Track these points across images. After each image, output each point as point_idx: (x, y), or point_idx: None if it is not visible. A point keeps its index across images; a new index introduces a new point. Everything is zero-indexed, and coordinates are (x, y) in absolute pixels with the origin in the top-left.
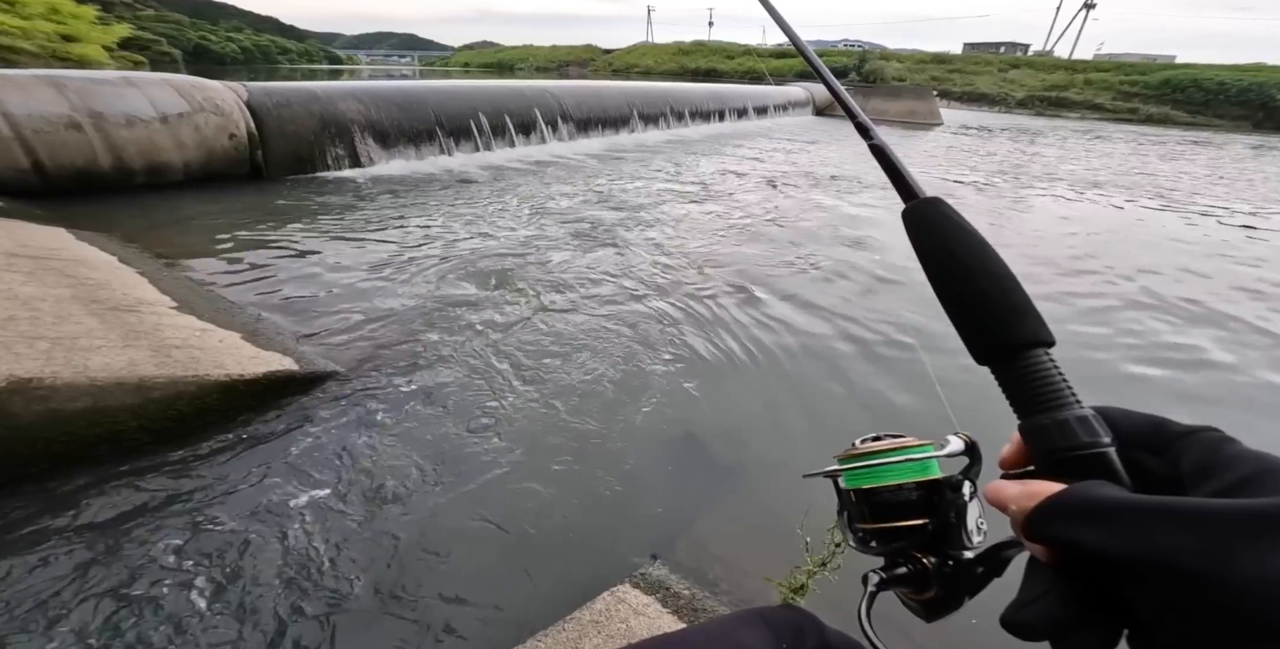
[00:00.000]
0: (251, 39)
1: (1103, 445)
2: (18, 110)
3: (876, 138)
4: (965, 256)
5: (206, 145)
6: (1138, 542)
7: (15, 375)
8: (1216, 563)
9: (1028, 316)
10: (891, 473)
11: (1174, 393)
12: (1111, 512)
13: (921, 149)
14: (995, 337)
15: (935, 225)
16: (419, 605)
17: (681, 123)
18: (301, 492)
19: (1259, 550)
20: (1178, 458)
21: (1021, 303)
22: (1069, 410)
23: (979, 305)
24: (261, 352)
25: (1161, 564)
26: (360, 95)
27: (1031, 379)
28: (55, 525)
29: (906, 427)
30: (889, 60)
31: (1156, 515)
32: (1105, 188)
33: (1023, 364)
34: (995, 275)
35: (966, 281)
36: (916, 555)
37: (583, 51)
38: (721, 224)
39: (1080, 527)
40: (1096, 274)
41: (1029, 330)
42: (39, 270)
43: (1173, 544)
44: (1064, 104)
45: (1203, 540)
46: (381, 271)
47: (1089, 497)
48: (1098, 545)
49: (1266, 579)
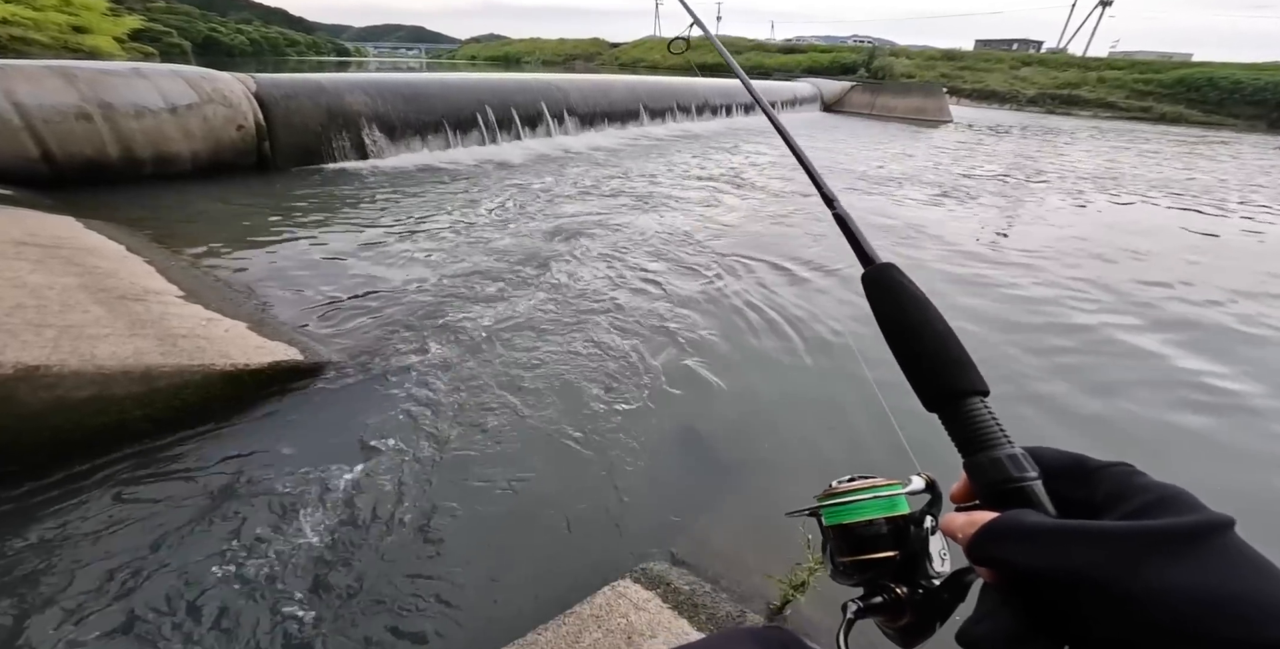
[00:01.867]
0: (260, 31)
1: (1029, 479)
2: (28, 100)
3: (839, 208)
4: (913, 317)
5: (214, 136)
6: (1057, 559)
7: (22, 363)
8: (1123, 576)
9: (966, 369)
10: (863, 510)
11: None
12: (1034, 534)
13: (935, 145)
14: (939, 387)
15: (888, 289)
16: (417, 596)
17: (688, 117)
18: (303, 481)
19: (1157, 564)
20: (1095, 488)
21: (960, 358)
22: (1001, 449)
23: (925, 360)
24: (267, 341)
25: (1078, 579)
26: (367, 87)
27: (970, 423)
28: (62, 513)
29: (902, 457)
30: (898, 57)
31: (1071, 536)
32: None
33: (963, 410)
34: (938, 334)
35: (914, 340)
36: (890, 585)
37: (589, 45)
38: (740, 229)
39: (1011, 548)
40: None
41: (967, 381)
42: (47, 259)
43: (1085, 561)
44: (1075, 102)
45: (1110, 557)
46: (386, 263)
47: (1016, 522)
48: (1025, 564)
49: (1165, 589)
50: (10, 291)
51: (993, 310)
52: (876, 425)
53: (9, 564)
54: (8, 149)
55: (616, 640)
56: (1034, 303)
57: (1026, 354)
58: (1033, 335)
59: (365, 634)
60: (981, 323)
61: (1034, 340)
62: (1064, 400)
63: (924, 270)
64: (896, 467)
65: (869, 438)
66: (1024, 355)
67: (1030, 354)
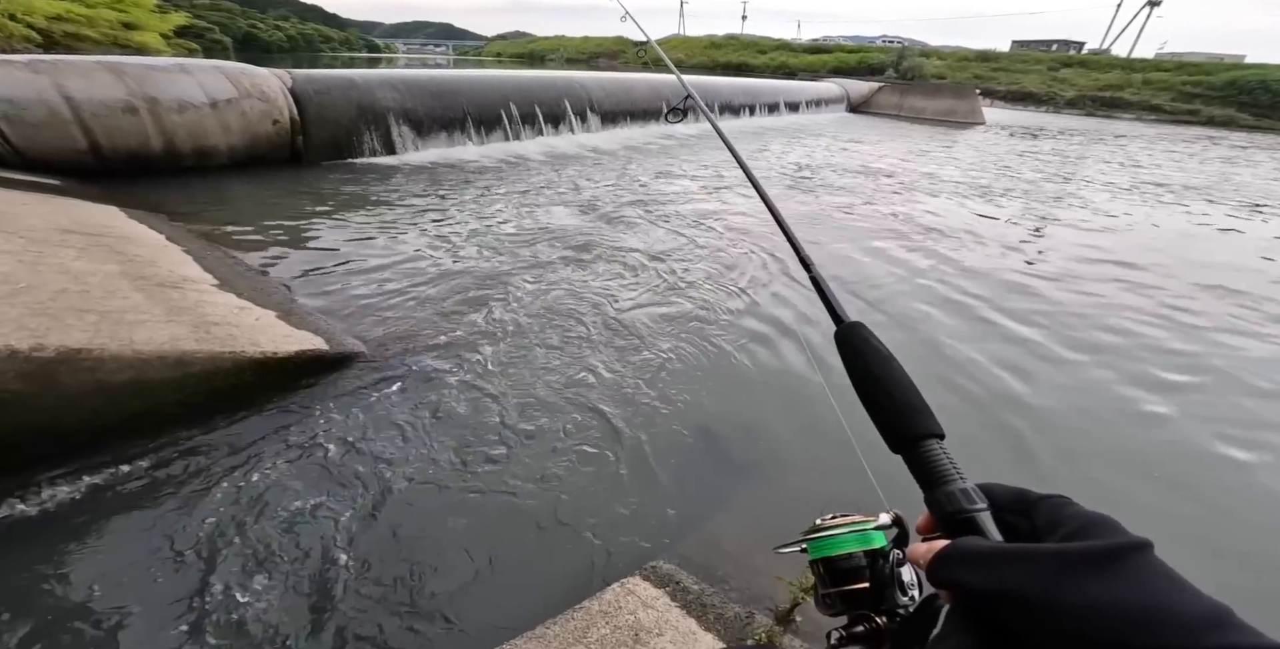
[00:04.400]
0: (297, 27)
1: (979, 509)
2: (79, 94)
3: (814, 270)
4: (877, 370)
5: (251, 131)
6: (998, 579)
7: (65, 346)
8: (1050, 592)
9: (922, 416)
10: (842, 544)
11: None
12: (979, 558)
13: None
14: (901, 432)
15: (855, 346)
16: (428, 586)
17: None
18: (323, 468)
19: (1078, 581)
20: (1035, 517)
21: (918, 405)
22: (954, 484)
23: (887, 408)
24: (295, 330)
25: (1015, 596)
26: (396, 83)
27: (928, 462)
28: (106, 491)
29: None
30: (929, 57)
31: (1008, 558)
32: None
33: (922, 452)
34: (900, 385)
35: (878, 391)
36: (871, 615)
37: (613, 43)
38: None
39: (961, 571)
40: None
41: (925, 427)
42: (91, 246)
43: (1020, 580)
44: (1117, 105)
45: (1039, 575)
46: (411, 257)
47: (965, 548)
48: (973, 584)
49: (1086, 603)
50: (56, 277)
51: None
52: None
53: (64, 535)
54: (58, 141)
55: (624, 637)
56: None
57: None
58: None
59: (376, 624)
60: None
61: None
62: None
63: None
64: (871, 501)
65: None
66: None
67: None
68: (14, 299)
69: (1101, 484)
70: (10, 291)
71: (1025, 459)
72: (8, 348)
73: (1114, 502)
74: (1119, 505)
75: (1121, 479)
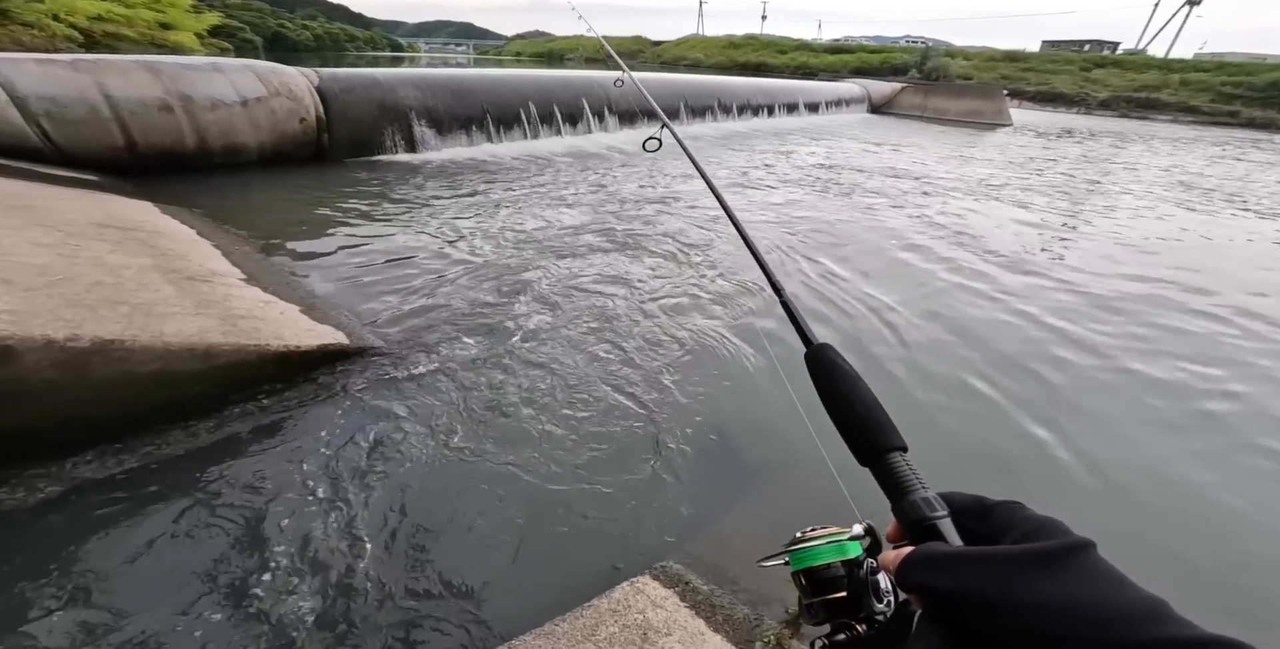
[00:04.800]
0: (324, 26)
1: (940, 516)
2: (117, 93)
3: (785, 296)
4: (844, 389)
5: (279, 129)
6: (957, 580)
7: (98, 337)
8: (1002, 590)
9: (886, 431)
10: (821, 555)
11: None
12: (939, 561)
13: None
14: (866, 445)
15: (824, 366)
16: (439, 580)
17: (729, 117)
18: (339, 462)
19: (1028, 579)
20: (991, 521)
21: (882, 421)
22: (917, 494)
23: (854, 424)
24: (316, 324)
25: (973, 596)
26: (418, 82)
27: (893, 474)
28: (133, 479)
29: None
30: (955, 57)
31: (965, 560)
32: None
33: (887, 464)
34: (865, 402)
35: (845, 409)
36: (851, 623)
37: (631, 43)
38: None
39: (924, 574)
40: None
41: (888, 440)
42: (125, 240)
43: (976, 580)
44: (1153, 106)
45: (992, 575)
46: (430, 253)
47: (926, 552)
48: (936, 586)
49: (1034, 599)
50: (91, 270)
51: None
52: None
53: (98, 520)
54: (96, 138)
55: (632, 636)
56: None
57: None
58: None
59: (390, 615)
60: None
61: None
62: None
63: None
64: (846, 513)
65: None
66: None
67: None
68: (51, 290)
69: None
70: (48, 283)
71: (1053, 467)
72: (44, 337)
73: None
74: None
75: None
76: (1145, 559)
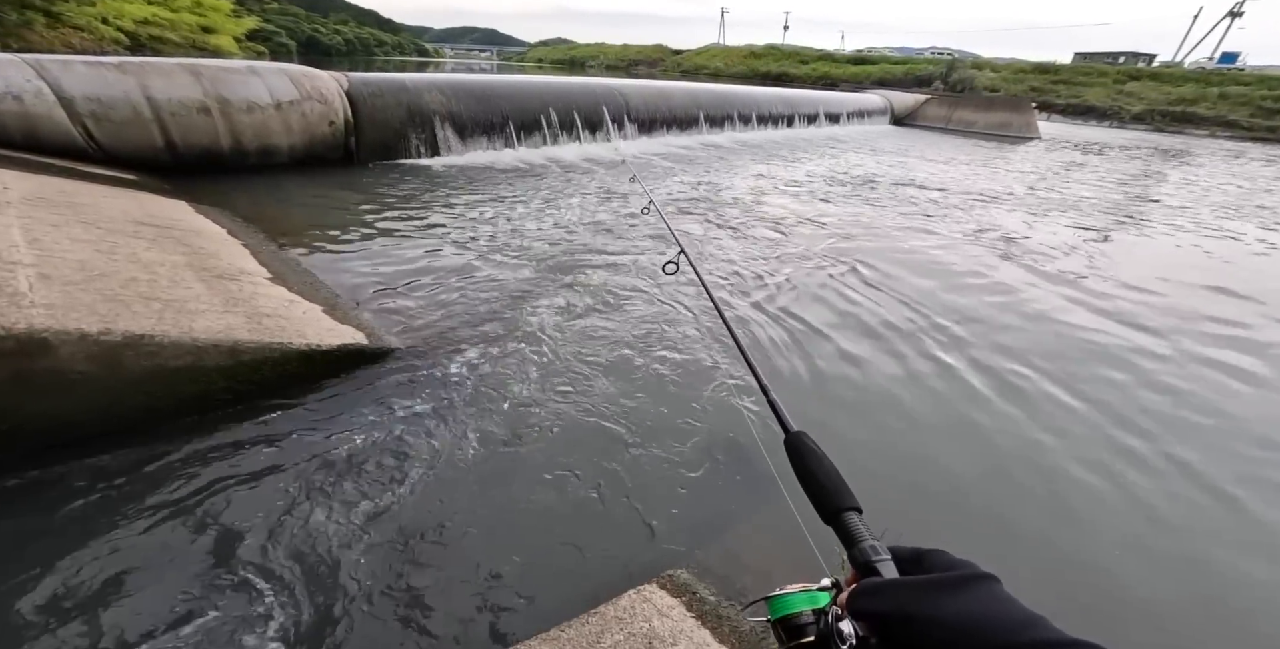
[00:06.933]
0: (355, 31)
1: (882, 559)
2: (159, 95)
3: (772, 396)
4: (813, 467)
5: (310, 131)
6: (889, 603)
7: (131, 332)
8: (920, 608)
9: (842, 495)
10: (792, 603)
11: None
12: (876, 589)
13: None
14: (827, 508)
15: (797, 450)
16: (449, 580)
17: (748, 127)
18: (354, 460)
19: (938, 600)
20: (923, 565)
21: (840, 488)
22: (866, 542)
23: (818, 493)
24: (338, 325)
25: (899, 614)
26: (444, 87)
27: (847, 528)
28: (158, 471)
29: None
30: (982, 68)
31: (896, 586)
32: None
33: (843, 521)
34: (829, 475)
35: (814, 482)
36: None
37: (652, 51)
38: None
39: (865, 601)
40: None
41: (843, 503)
42: (161, 238)
43: (901, 601)
44: (1190, 120)
45: (913, 597)
46: (451, 256)
47: (868, 582)
48: (875, 609)
49: (942, 615)
50: (127, 266)
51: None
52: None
53: (126, 505)
54: (137, 138)
55: (637, 645)
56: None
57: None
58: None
59: (377, 624)
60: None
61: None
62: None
63: None
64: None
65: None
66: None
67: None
68: (89, 285)
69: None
70: (85, 278)
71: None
72: (79, 331)
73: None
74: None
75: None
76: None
